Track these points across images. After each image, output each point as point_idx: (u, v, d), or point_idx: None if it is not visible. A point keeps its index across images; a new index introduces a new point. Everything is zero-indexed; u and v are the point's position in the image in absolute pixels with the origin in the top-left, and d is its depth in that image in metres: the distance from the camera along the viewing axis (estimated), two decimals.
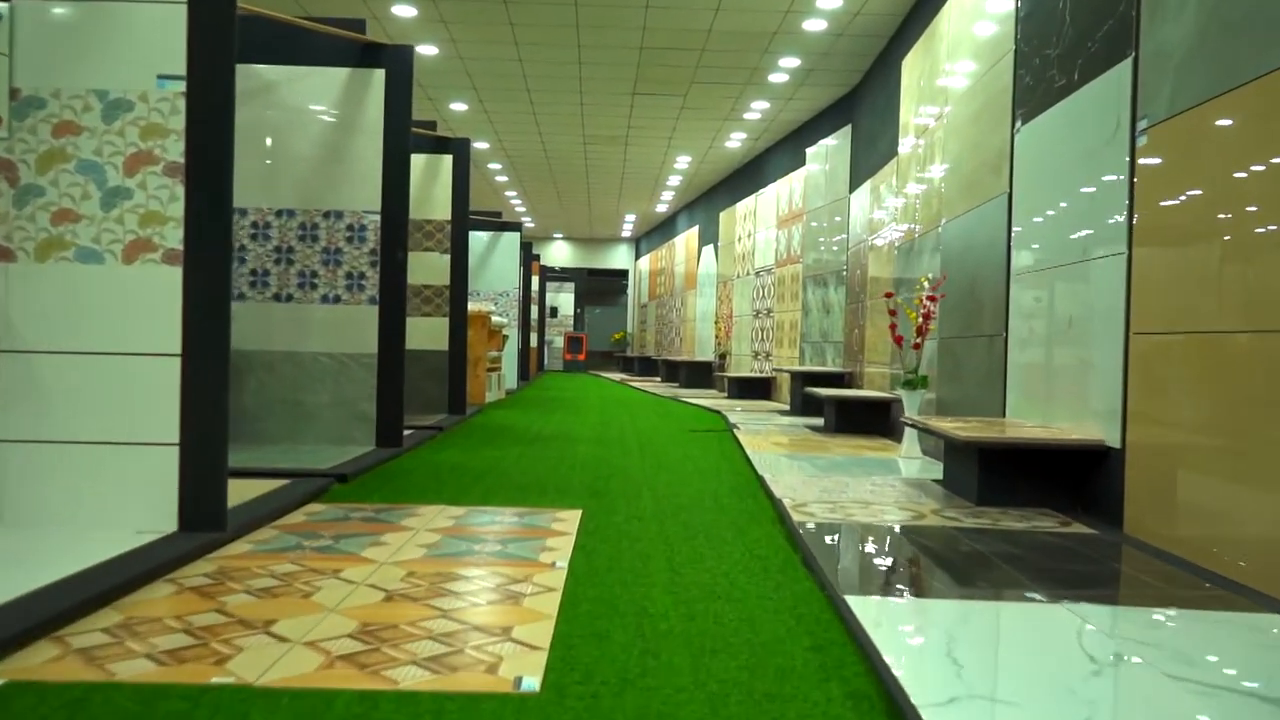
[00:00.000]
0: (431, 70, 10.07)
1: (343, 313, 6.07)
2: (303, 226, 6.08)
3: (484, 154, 14.68)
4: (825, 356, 10.86)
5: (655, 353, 22.64)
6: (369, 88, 6.08)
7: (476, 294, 14.38)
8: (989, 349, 5.61)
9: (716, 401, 12.21)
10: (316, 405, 6.05)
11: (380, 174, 6.07)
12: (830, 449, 6.82)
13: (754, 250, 14.15)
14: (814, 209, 11.45)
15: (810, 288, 11.48)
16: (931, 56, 7.25)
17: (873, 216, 9.13)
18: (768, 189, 13.57)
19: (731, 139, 13.27)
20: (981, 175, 5.88)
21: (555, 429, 8.26)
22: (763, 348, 13.51)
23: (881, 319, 8.62)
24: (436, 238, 8.88)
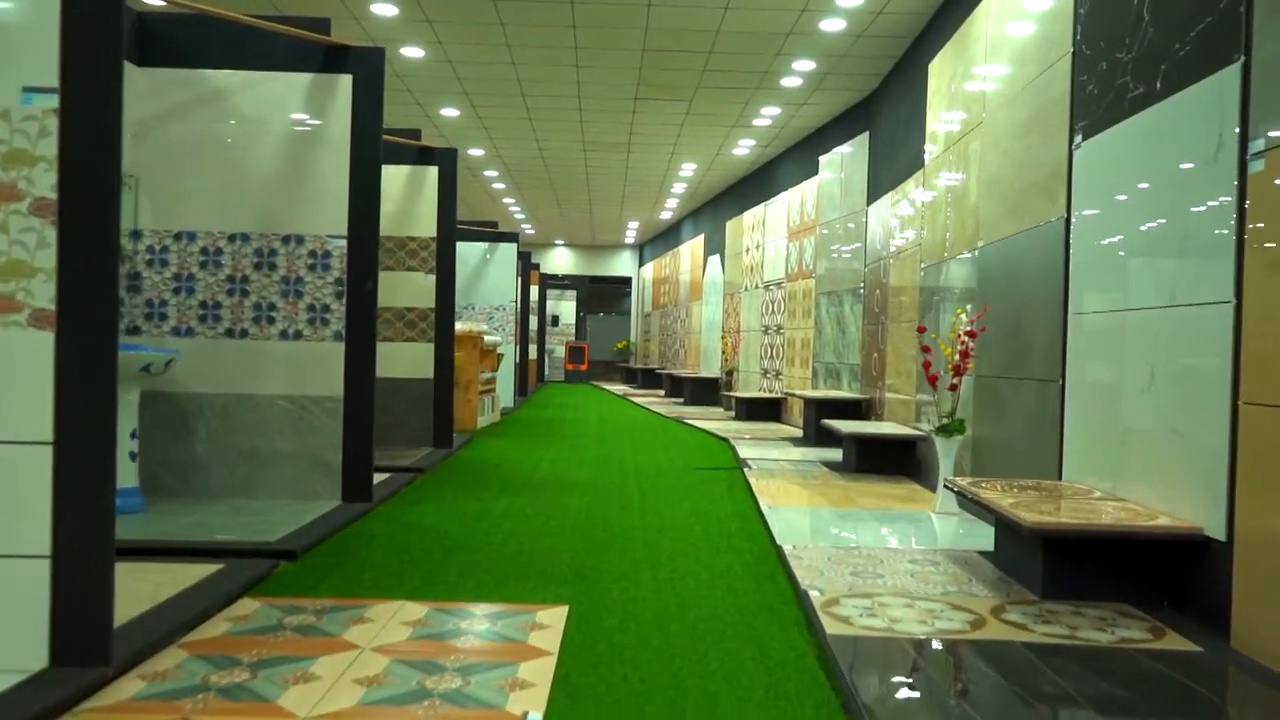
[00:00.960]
0: (418, 74, 9.36)
1: (304, 350, 5.36)
2: (259, 253, 5.38)
3: (480, 161, 13.98)
4: (840, 379, 10.14)
5: (659, 364, 21.92)
6: (334, 95, 5.38)
7: (471, 308, 13.71)
8: (1040, 396, 4.89)
9: (724, 425, 11.49)
10: (274, 454, 5.35)
11: (347, 193, 5.36)
12: (854, 498, 6.09)
13: (763, 262, 13.43)
14: (828, 221, 10.73)
15: (824, 305, 10.75)
16: (964, 59, 6.54)
17: (894, 233, 8.41)
18: (778, 198, 12.85)
19: (739, 146, 12.55)
20: (1029, 196, 5.16)
21: (548, 469, 7.54)
22: (772, 365, 12.80)
23: (904, 343, 7.90)
24: (421, 256, 8.18)
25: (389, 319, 8.12)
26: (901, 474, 7.21)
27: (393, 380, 8.10)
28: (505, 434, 10.21)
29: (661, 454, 8.66)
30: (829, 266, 10.65)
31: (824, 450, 8.79)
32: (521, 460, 7.96)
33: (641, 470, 7.51)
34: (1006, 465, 5.41)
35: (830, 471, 7.31)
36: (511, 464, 7.69)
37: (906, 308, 7.86)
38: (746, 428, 11.19)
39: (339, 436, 5.35)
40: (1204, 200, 3.45)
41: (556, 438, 9.98)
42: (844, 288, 10.10)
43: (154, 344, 5.27)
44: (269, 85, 5.35)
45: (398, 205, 8.15)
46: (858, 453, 7.25)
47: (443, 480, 6.65)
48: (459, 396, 10.32)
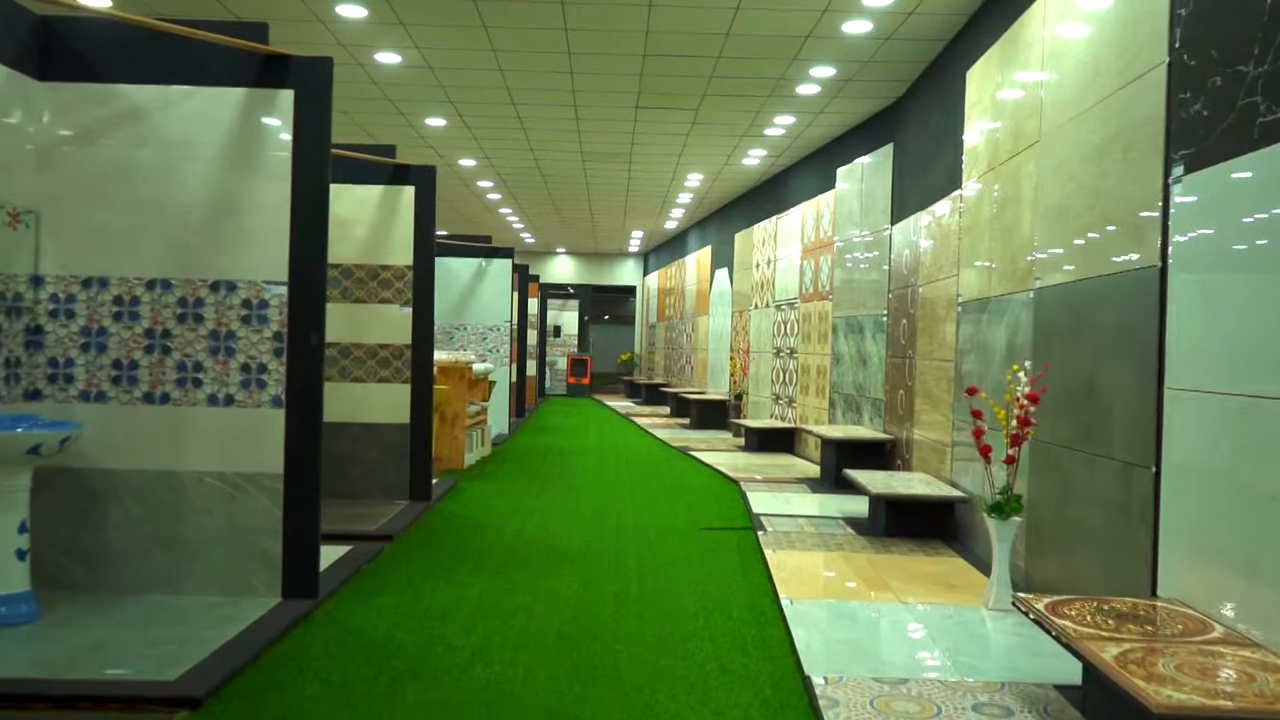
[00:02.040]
0: (397, 81, 8.51)
1: (237, 418, 4.50)
2: (183, 302, 4.52)
3: (472, 172, 13.13)
4: (861, 413, 9.26)
5: (664, 378, 21.05)
6: (273, 114, 4.52)
7: (463, 329, 12.87)
8: (1124, 481, 4.01)
9: (733, 459, 10.61)
10: (202, 541, 4.49)
11: (288, 230, 4.50)
12: (887, 579, 5.21)
13: (774, 279, 12.55)
14: (846, 238, 9.85)
15: (843, 333, 9.87)
16: (1012, 66, 5.65)
17: (924, 258, 7.53)
18: (790, 212, 11.97)
19: (749, 156, 11.67)
20: (1107, 234, 4.28)
21: (536, 529, 6.67)
22: (785, 391, 11.92)
23: (936, 382, 7.02)
24: (395, 287, 7.32)
25: (360, 357, 7.27)
26: (937, 537, 6.33)
27: (365, 426, 7.25)
28: (494, 474, 9.35)
29: (664, 505, 7.79)
30: (847, 289, 9.77)
31: (846, 499, 7.91)
32: (507, 516, 7.09)
33: (642, 531, 6.64)
34: (1073, 555, 4.53)
35: (856, 535, 6.42)
36: (495, 522, 6.82)
37: (939, 345, 6.98)
38: (758, 463, 10.31)
39: (278, 520, 4.49)
40: None
41: (550, 479, 9.11)
42: (865, 313, 9.22)
43: (56, 412, 4.42)
44: (194, 102, 4.49)
45: (370, 230, 7.30)
46: (887, 514, 6.37)
47: (412, 552, 5.78)
48: (444, 433, 9.47)
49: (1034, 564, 5.02)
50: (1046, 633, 3.23)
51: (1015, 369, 4.70)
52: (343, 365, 7.26)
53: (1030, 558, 5.05)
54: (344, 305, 7.26)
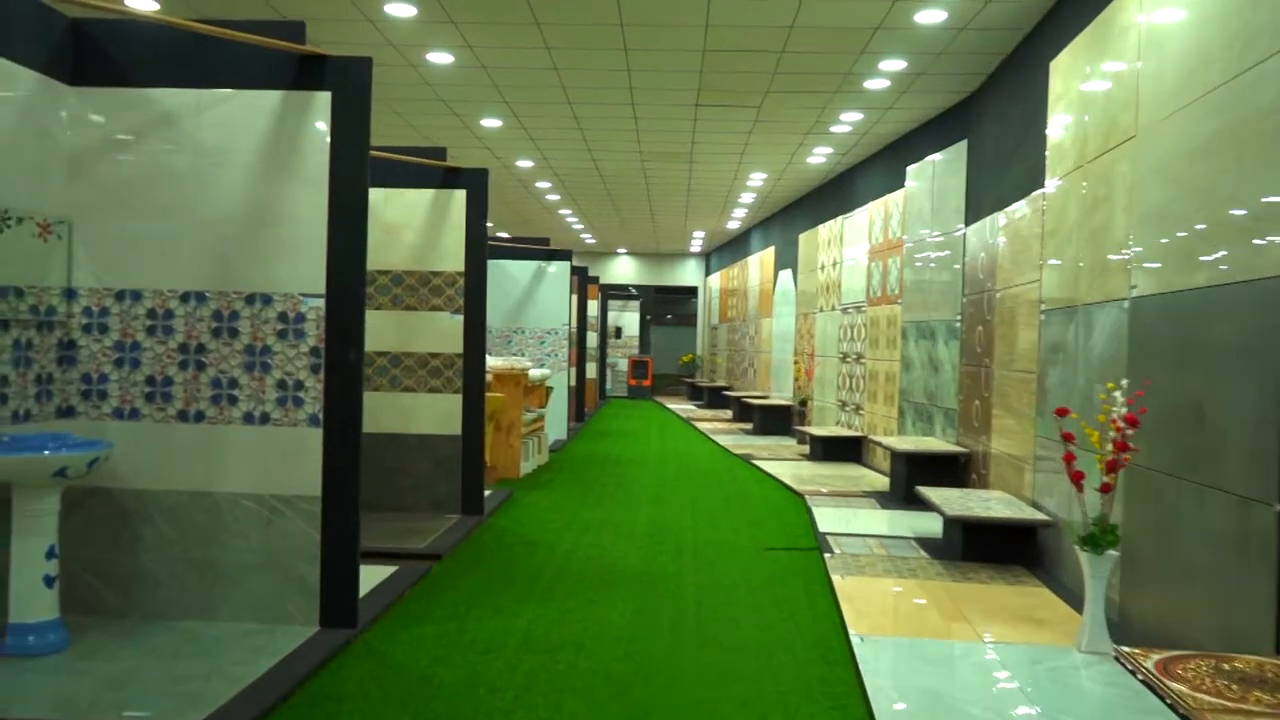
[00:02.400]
0: (450, 82, 8.29)
1: (273, 437, 4.29)
2: (217, 316, 4.31)
3: (529, 173, 12.90)
4: (933, 423, 8.81)
5: (726, 380, 20.67)
6: (308, 116, 4.29)
7: (521, 333, 12.67)
8: (1240, 517, 3.58)
9: (797, 468, 10.22)
10: (237, 567, 4.28)
11: (325, 240, 4.27)
12: (966, 612, 4.82)
13: (840, 281, 12.11)
14: (917, 239, 9.40)
15: (913, 338, 9.42)
16: (1103, 56, 5.20)
17: (1002, 262, 7.08)
18: (857, 212, 11.53)
19: (814, 154, 11.25)
20: (1219, 240, 3.84)
21: (590, 546, 6.38)
22: (851, 398, 11.48)
23: (1015, 394, 6.58)
24: (447, 294, 7.09)
25: (410, 366, 7.06)
26: (1018, 563, 5.90)
27: (415, 437, 7.04)
28: (550, 484, 9.09)
29: (725, 520, 7.45)
30: (918, 292, 9.32)
31: (918, 517, 7.48)
32: (561, 531, 6.81)
33: (701, 551, 6.31)
34: (1177, 595, 4.09)
35: (930, 560, 6.02)
36: (548, 539, 6.55)
37: (1020, 355, 6.53)
38: (823, 473, 9.91)
39: (316, 545, 4.26)
40: None
41: (608, 490, 8.82)
42: (936, 318, 8.77)
43: (89, 431, 4.25)
44: (229, 106, 4.28)
45: (420, 235, 7.08)
46: (964, 537, 5.95)
47: (460, 573, 5.53)
48: (500, 442, 9.25)
49: (1130, 598, 4.58)
50: (1159, 698, 2.83)
51: (1110, 387, 4.27)
52: (393, 375, 7.05)
53: (1125, 590, 4.62)
54: (394, 313, 7.06)
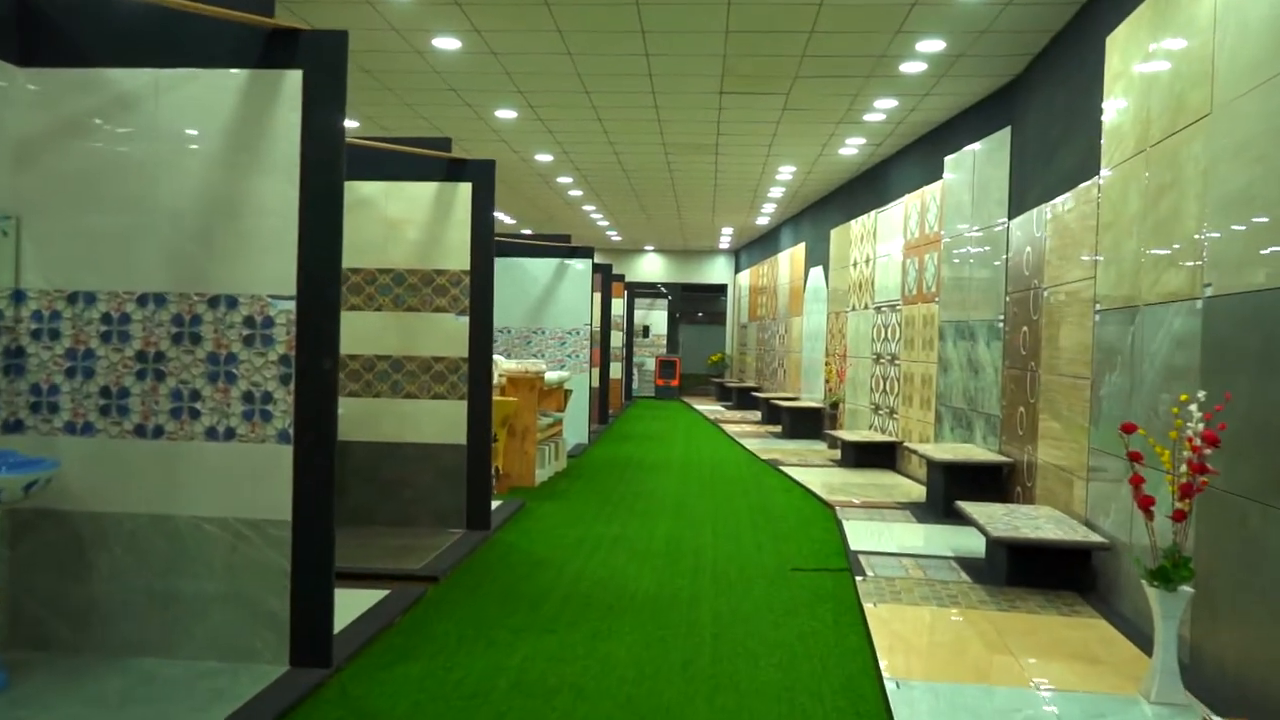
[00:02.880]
0: (459, 69, 7.86)
1: (239, 455, 3.86)
2: (178, 320, 3.89)
3: (549, 167, 12.46)
4: (972, 430, 8.26)
5: (756, 381, 20.14)
6: (278, 98, 3.85)
7: (541, 333, 12.24)
8: None
9: (828, 475, 9.70)
10: (199, 598, 3.86)
11: (296, 236, 3.83)
12: (1014, 649, 4.30)
13: (874, 279, 11.56)
14: (955, 234, 8.84)
15: (951, 338, 8.87)
16: (1167, 29, 4.65)
17: (1049, 257, 6.53)
18: (891, 206, 10.97)
19: (846, 145, 10.71)
20: None
21: (600, 566, 5.91)
22: (885, 401, 10.93)
23: (1066, 401, 6.04)
24: (451, 294, 6.66)
25: (413, 371, 6.63)
26: (1069, 588, 5.36)
27: (418, 446, 6.62)
28: (566, 493, 8.64)
29: (749, 535, 6.95)
30: (957, 290, 8.77)
31: (957, 532, 6.94)
32: (572, 549, 6.35)
33: (721, 571, 5.83)
34: (1264, 636, 3.55)
35: (972, 584, 5.49)
36: (557, 557, 6.09)
37: (1070, 358, 5.99)
38: (855, 482, 9.37)
39: (286, 575, 3.83)
40: None
41: (625, 500, 8.35)
42: (977, 317, 8.22)
43: (38, 447, 3.84)
44: (191, 88, 3.86)
45: (423, 231, 6.65)
46: (1011, 561, 5.41)
47: (456, 598, 5.08)
48: (514, 448, 8.81)
49: (1204, 637, 4.04)
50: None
51: (1184, 399, 3.74)
52: (394, 380, 6.63)
53: (1198, 628, 4.08)
54: (396, 315, 6.64)
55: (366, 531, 6.40)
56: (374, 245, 6.64)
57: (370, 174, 6.60)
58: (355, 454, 6.62)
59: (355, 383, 6.64)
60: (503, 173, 12.77)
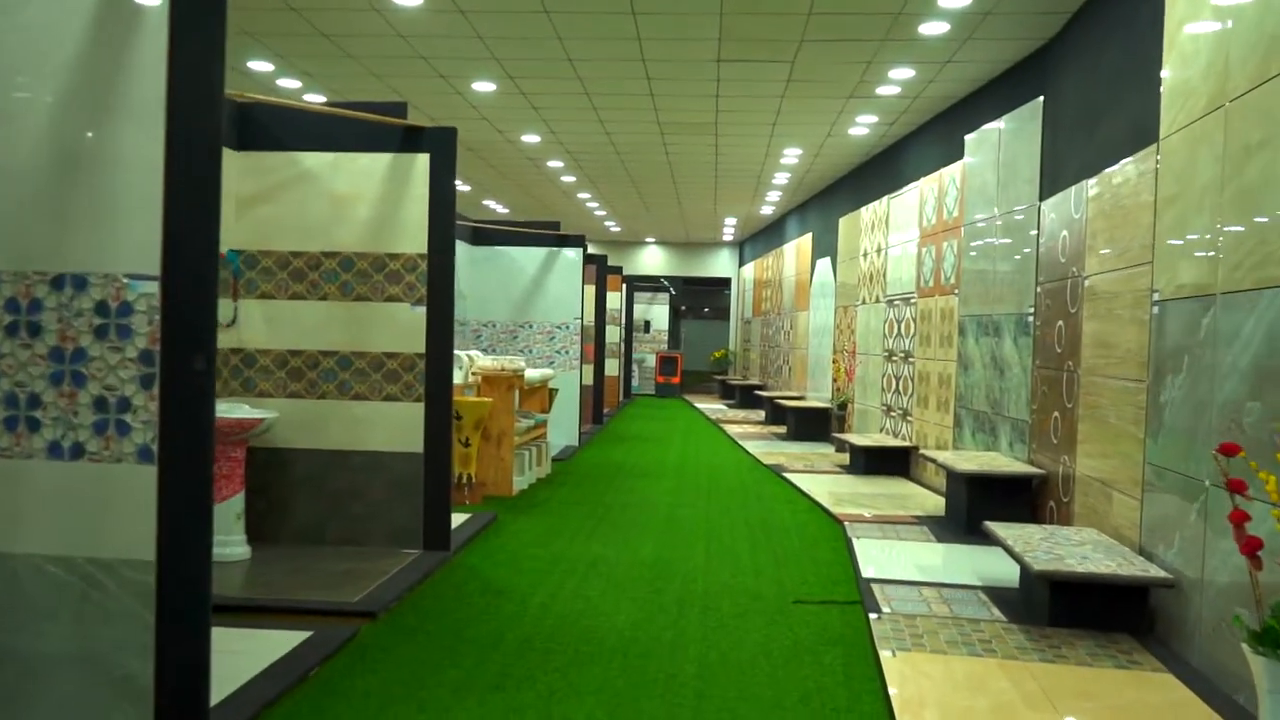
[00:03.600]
0: (424, 32, 7.02)
1: (89, 478, 3.04)
2: (12, 306, 3.07)
3: (537, 150, 11.62)
4: (997, 436, 7.42)
5: (760, 378, 19.30)
6: (137, 31, 3.02)
7: (528, 327, 11.43)
8: None
9: (836, 484, 8.87)
10: (41, 659, 3.04)
11: (160, 201, 3.01)
12: (1065, 713, 3.46)
13: (885, 270, 10.71)
14: (977, 221, 8.00)
15: (973, 334, 8.03)
16: None
17: (1091, 241, 5.69)
18: (906, 190, 10.11)
19: (856, 124, 9.86)
20: None
21: (570, 599, 5.09)
22: (898, 403, 10.09)
23: (1115, 406, 5.21)
24: (406, 281, 5.84)
25: (363, 369, 5.81)
26: (1121, 628, 4.52)
27: (368, 455, 5.80)
28: (546, 504, 7.81)
29: (747, 555, 6.13)
30: (979, 281, 7.92)
31: (982, 553, 6.11)
32: (542, 574, 5.53)
33: (713, 603, 5.00)
34: None
35: (1007, 624, 4.65)
36: (522, 586, 5.27)
37: (1120, 356, 5.15)
38: (865, 491, 8.54)
39: (148, 630, 3.01)
40: None
41: (612, 511, 7.53)
42: (1002, 311, 7.38)
43: None
44: (27, 12, 3.04)
45: (374, 210, 5.83)
46: (1055, 598, 4.57)
47: (392, 644, 4.26)
48: (489, 454, 8.00)
49: None
50: None
51: None
52: (342, 379, 5.82)
53: None
54: (344, 305, 5.82)
55: (309, 553, 5.59)
56: (318, 225, 5.82)
57: (314, 144, 5.79)
58: (298, 464, 5.82)
59: (297, 382, 5.82)
60: (491, 157, 11.96)
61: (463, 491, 7.59)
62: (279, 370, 5.83)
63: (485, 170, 13.15)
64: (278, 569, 5.27)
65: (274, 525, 5.82)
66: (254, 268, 5.85)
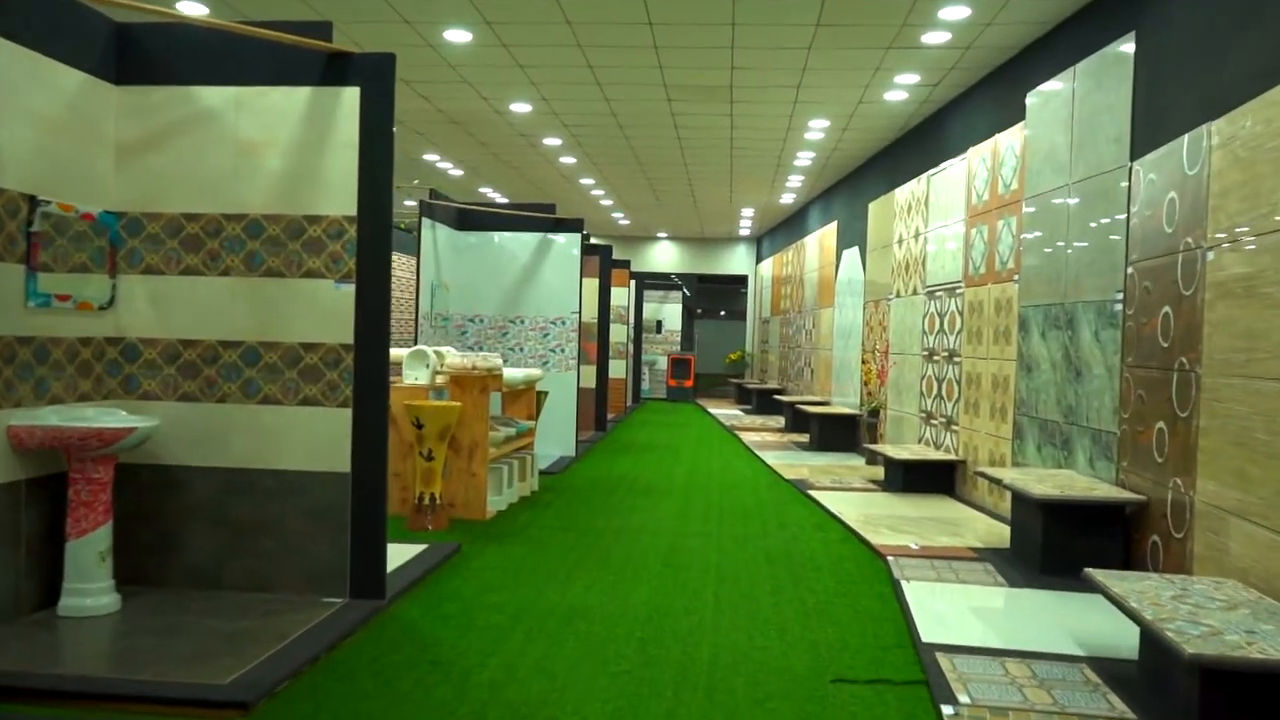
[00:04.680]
0: None
1: None
2: None
3: (530, 121, 10.34)
4: (1072, 450, 6.08)
5: (779, 382, 17.94)
6: None
7: (519, 322, 10.17)
8: None
9: (869, 503, 7.53)
10: None
11: None
12: None
13: (924, 257, 9.37)
14: (1042, 193, 6.67)
15: (1038, 327, 6.69)
16: None
17: (1224, 202, 4.35)
18: (951, 164, 8.77)
19: (894, 86, 8.52)
20: None
21: (527, 681, 3.77)
22: (940, 409, 8.74)
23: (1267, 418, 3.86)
24: (330, 251, 4.54)
25: (275, 364, 4.53)
26: None
27: (280, 476, 4.51)
28: (524, 532, 6.50)
29: (768, 605, 4.79)
30: (1046, 264, 6.59)
31: (1073, 604, 4.76)
32: (499, 637, 4.22)
33: (720, 680, 3.68)
34: None
35: (1117, 705, 3.31)
36: (467, 657, 3.95)
37: (1274, 351, 3.80)
38: (907, 514, 7.19)
39: None
40: None
41: (604, 541, 6.22)
42: (1079, 299, 6.05)
43: None
44: None
45: (290, 160, 4.54)
46: (1204, 683, 3.23)
47: None
48: (458, 470, 6.71)
49: None
50: None
51: None
52: (248, 377, 4.53)
53: None
54: (249, 281, 4.54)
55: (199, 603, 4.31)
56: (218, 180, 4.54)
57: (214, 76, 4.51)
58: (192, 486, 4.53)
59: (191, 380, 4.54)
60: (480, 132, 10.64)
61: (424, 516, 6.30)
62: (168, 365, 4.55)
63: (476, 151, 11.86)
64: (149, 628, 3.99)
65: (160, 564, 4.54)
66: (137, 234, 4.58)
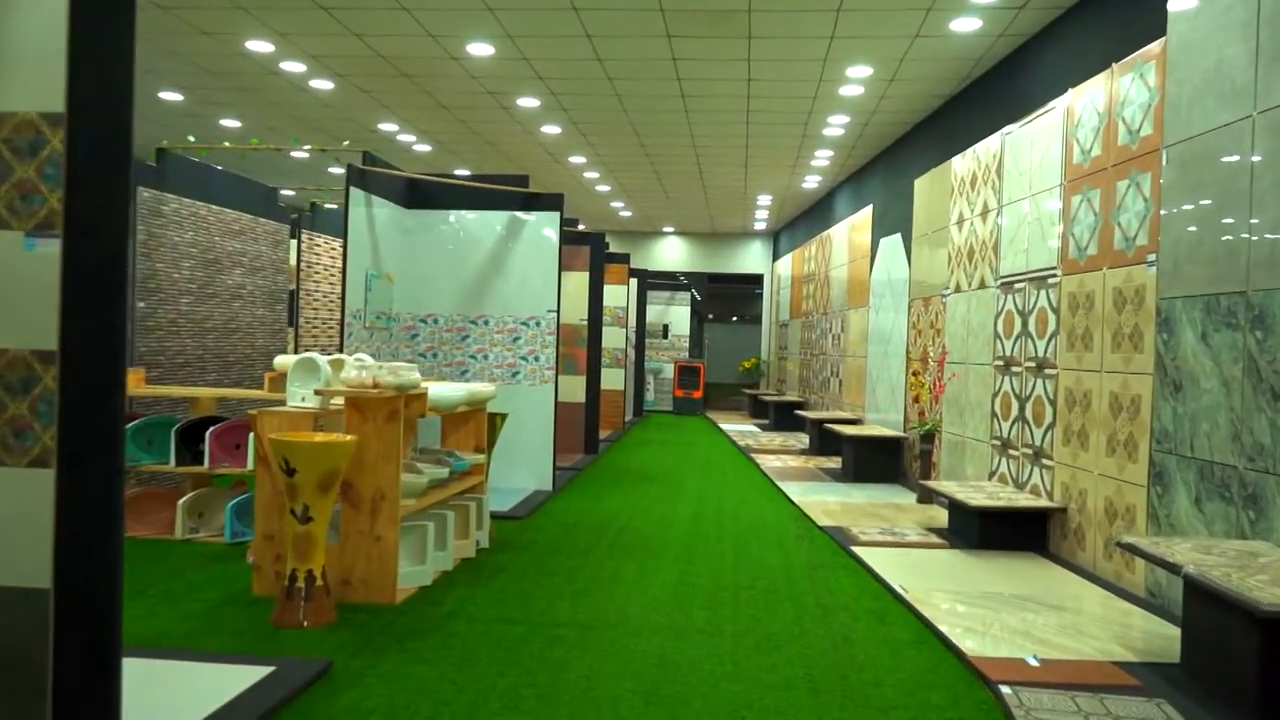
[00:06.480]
0: None
1: None
2: None
3: (494, 71, 8.29)
4: (1263, 510, 3.99)
5: (800, 393, 15.83)
6: None
7: (483, 323, 8.17)
8: None
9: (936, 564, 5.43)
10: None
11: None
12: None
13: (996, 239, 7.29)
14: (1199, 135, 4.58)
15: (1192, 327, 4.60)
16: None
17: None
18: (1038, 116, 6.68)
19: (967, 9, 6.46)
20: None
21: None
22: (1022, 436, 6.65)
23: None
24: (17, 179, 2.49)
25: None
26: None
27: None
28: (444, 627, 4.42)
29: None
30: (1205, 238, 4.49)
31: None
32: None
33: None
34: None
35: None
36: None
37: None
38: (1000, 592, 5.09)
39: None
40: None
41: (554, 652, 4.14)
42: (1262, 286, 3.96)
43: None
44: None
45: None
46: None
47: None
48: (357, 531, 4.65)
49: None
50: None
51: None
52: None
53: None
54: None
55: None
56: None
57: None
58: None
59: None
60: (435, 87, 8.28)
61: (295, 604, 4.24)
62: None
63: (439, 117, 9.83)
64: None
65: None
66: None
